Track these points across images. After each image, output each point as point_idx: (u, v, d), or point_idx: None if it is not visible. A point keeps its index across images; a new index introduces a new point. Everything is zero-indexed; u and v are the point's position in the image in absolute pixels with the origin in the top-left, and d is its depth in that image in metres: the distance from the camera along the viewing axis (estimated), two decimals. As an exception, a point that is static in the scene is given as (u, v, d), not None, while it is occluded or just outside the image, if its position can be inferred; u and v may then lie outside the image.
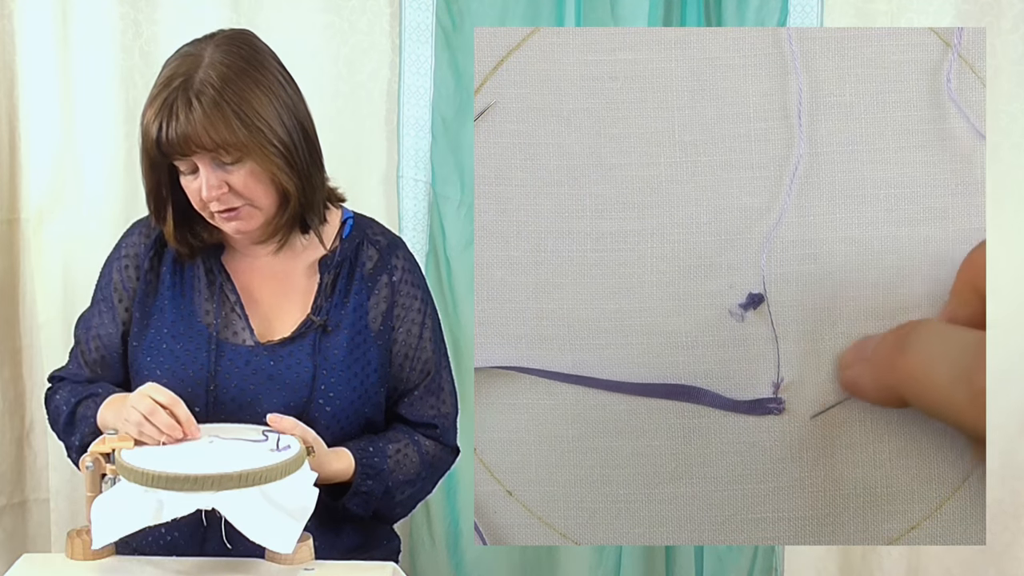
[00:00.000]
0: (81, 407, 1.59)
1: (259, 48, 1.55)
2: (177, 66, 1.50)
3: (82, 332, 1.68)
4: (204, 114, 1.46)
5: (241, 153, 1.49)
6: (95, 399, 1.58)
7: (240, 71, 1.50)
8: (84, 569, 1.45)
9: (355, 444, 1.59)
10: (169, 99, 1.47)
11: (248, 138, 1.48)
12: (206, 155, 1.48)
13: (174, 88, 1.47)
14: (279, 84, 1.54)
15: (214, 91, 1.47)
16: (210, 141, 1.47)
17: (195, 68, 1.48)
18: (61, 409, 1.62)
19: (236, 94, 1.48)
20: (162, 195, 1.56)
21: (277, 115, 1.51)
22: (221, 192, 1.50)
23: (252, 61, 1.52)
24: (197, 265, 1.63)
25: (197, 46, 1.52)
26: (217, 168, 1.50)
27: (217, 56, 1.50)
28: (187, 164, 1.51)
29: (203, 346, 1.58)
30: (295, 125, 1.54)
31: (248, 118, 1.48)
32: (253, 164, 1.50)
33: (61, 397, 1.64)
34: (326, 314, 1.60)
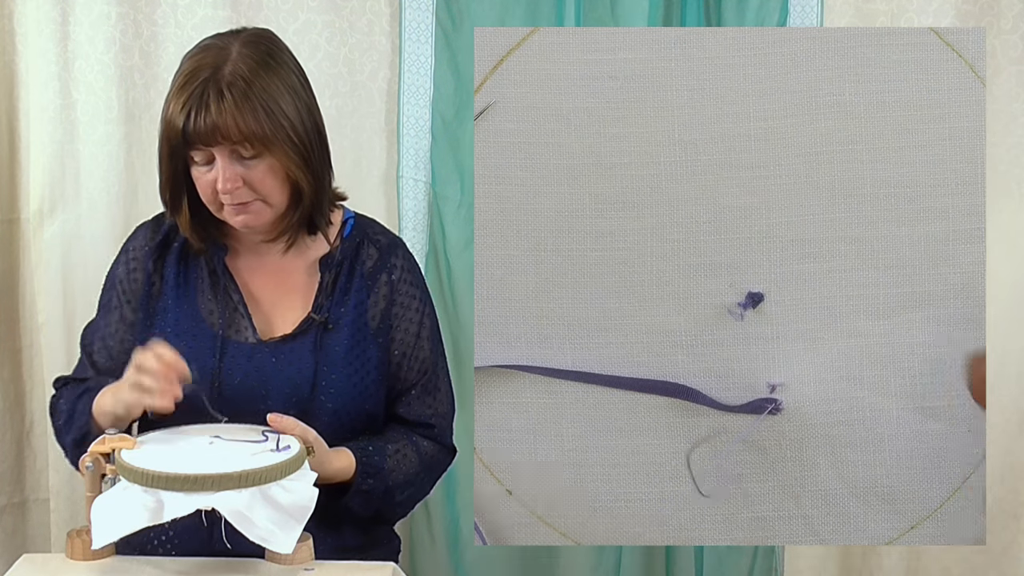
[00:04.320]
0: (80, 403, 1.60)
1: (283, 48, 1.59)
2: (202, 58, 1.52)
3: (90, 339, 1.68)
4: (235, 105, 1.48)
5: (263, 147, 1.51)
6: (90, 394, 1.58)
7: (268, 67, 1.53)
8: (84, 569, 1.45)
9: (355, 444, 1.60)
10: (198, 89, 1.49)
11: (272, 133, 1.50)
12: (227, 147, 1.50)
13: (204, 79, 1.49)
14: (300, 84, 1.57)
15: (245, 83, 1.49)
16: (237, 133, 1.48)
17: (224, 61, 1.51)
18: (62, 409, 1.63)
19: (264, 89, 1.51)
20: (179, 185, 1.57)
21: (298, 113, 1.54)
22: (236, 186, 1.52)
23: (278, 59, 1.55)
24: (201, 266, 1.64)
25: (222, 40, 1.55)
26: (235, 161, 1.51)
27: (246, 51, 1.52)
28: (204, 155, 1.52)
29: (207, 344, 1.59)
30: (313, 125, 1.57)
31: (274, 113, 1.51)
32: (272, 159, 1.52)
33: (64, 399, 1.65)
34: (327, 312, 1.61)
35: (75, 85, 2.23)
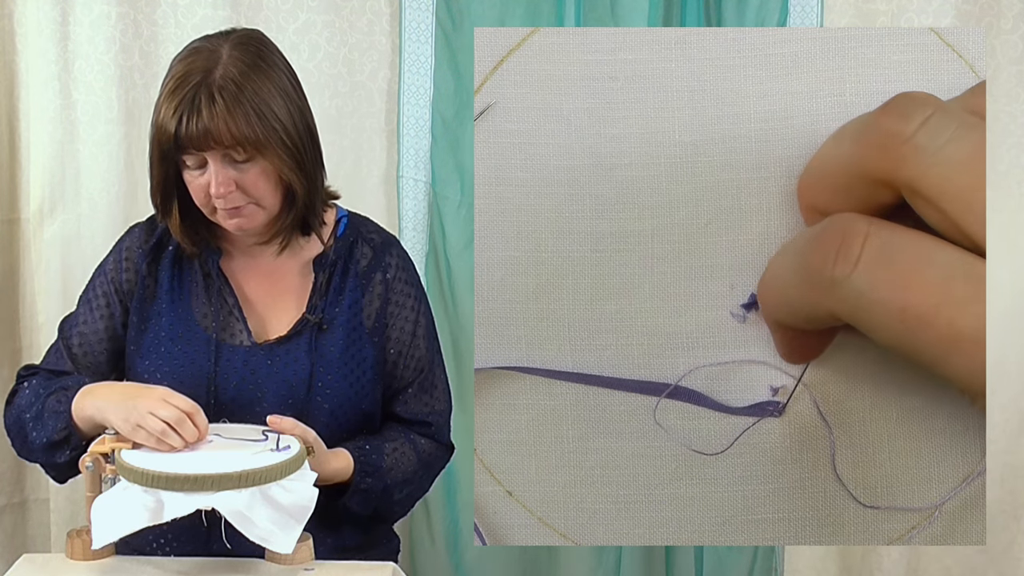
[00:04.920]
0: (51, 400, 1.55)
1: (273, 50, 1.58)
2: (192, 62, 1.50)
3: (70, 329, 1.67)
4: (226, 109, 1.47)
5: (256, 151, 1.50)
6: (65, 392, 1.54)
7: (258, 70, 1.52)
8: (84, 569, 1.45)
9: (352, 443, 1.60)
10: (189, 93, 1.48)
11: (265, 136, 1.50)
12: (219, 151, 1.49)
13: (195, 83, 1.48)
14: (291, 85, 1.56)
15: (236, 87, 1.48)
16: (229, 137, 1.48)
17: (214, 64, 1.50)
18: (29, 403, 1.57)
19: (255, 92, 1.50)
20: (170, 189, 1.56)
21: (290, 115, 1.53)
22: (229, 190, 1.51)
23: (268, 61, 1.54)
24: (195, 269, 1.63)
25: (211, 42, 1.53)
26: (227, 165, 1.51)
27: (236, 54, 1.51)
28: (197, 159, 1.51)
29: (202, 348, 1.59)
30: (304, 126, 1.56)
31: (265, 117, 1.50)
32: (264, 163, 1.51)
33: (30, 390, 1.59)
34: (321, 312, 1.61)
35: (75, 85, 2.23)
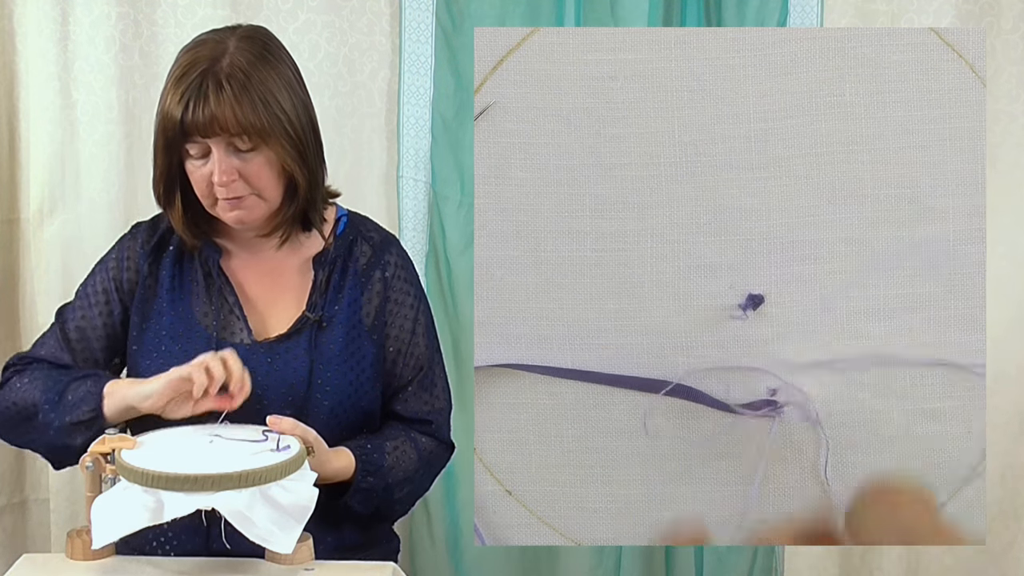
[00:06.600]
0: (75, 384, 1.55)
1: (278, 43, 1.60)
2: (199, 52, 1.53)
3: (66, 317, 1.66)
4: (234, 97, 1.49)
5: (260, 140, 1.52)
6: (97, 378, 1.55)
7: (265, 61, 1.54)
8: (84, 569, 1.45)
9: (353, 442, 1.60)
10: (196, 80, 1.49)
11: (270, 125, 1.51)
12: (224, 140, 1.51)
13: (202, 71, 1.50)
14: (295, 79, 1.58)
15: (243, 75, 1.50)
16: (236, 124, 1.49)
17: (221, 54, 1.52)
18: (45, 387, 1.57)
19: (262, 82, 1.52)
20: (173, 179, 1.57)
21: (294, 107, 1.55)
22: (232, 179, 1.52)
23: (275, 54, 1.57)
24: (195, 268, 1.64)
25: (218, 35, 1.56)
26: (231, 154, 1.52)
27: (243, 45, 1.54)
28: (200, 148, 1.52)
29: (202, 347, 1.59)
30: (308, 119, 1.58)
31: (271, 106, 1.52)
32: (268, 152, 1.53)
33: (40, 378, 1.59)
34: (321, 310, 1.62)
35: (75, 85, 2.23)
